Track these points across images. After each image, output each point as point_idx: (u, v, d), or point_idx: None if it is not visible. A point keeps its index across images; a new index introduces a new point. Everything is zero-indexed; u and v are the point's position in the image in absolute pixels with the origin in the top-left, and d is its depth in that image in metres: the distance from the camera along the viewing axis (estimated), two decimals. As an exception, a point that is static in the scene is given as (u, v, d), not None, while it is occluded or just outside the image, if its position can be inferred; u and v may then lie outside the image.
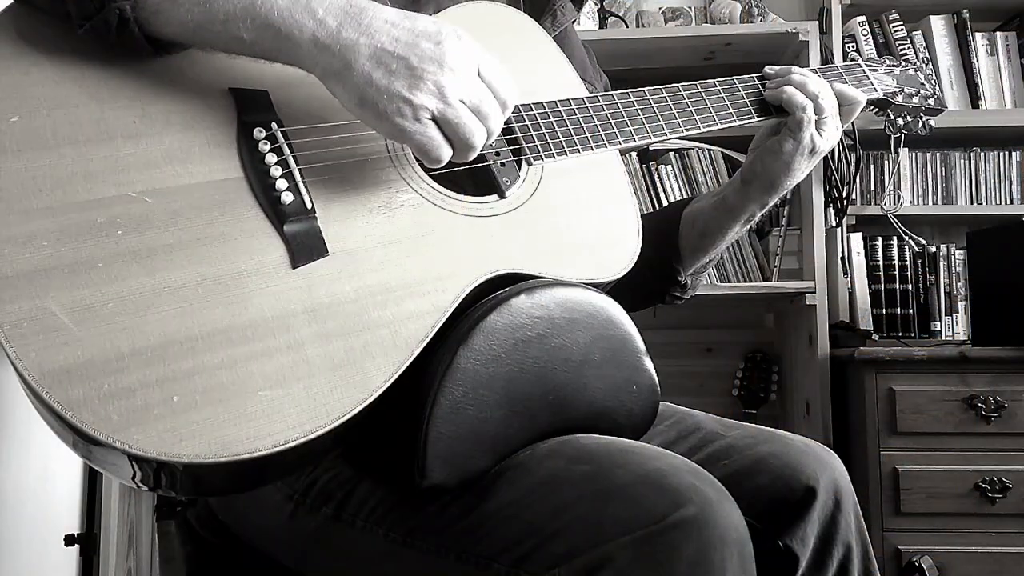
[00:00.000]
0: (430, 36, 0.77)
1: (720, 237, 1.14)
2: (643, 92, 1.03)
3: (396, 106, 0.75)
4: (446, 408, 0.76)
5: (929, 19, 2.56)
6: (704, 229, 1.14)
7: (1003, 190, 2.53)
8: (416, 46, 0.76)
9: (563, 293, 0.83)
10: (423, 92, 0.75)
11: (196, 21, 0.75)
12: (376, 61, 0.75)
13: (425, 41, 0.76)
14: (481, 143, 0.79)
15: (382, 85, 0.75)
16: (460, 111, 0.77)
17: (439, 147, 0.77)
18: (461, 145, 0.78)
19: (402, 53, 0.75)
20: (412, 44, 0.76)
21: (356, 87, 0.75)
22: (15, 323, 0.65)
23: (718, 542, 0.70)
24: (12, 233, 0.68)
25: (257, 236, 0.75)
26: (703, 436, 1.01)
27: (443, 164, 0.79)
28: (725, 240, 1.15)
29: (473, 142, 0.78)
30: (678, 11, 2.65)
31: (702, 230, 1.14)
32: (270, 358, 0.71)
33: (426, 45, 0.76)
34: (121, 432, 0.65)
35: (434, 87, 0.76)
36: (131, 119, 0.76)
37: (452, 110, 0.76)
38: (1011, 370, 2.05)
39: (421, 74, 0.75)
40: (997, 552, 2.02)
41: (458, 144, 0.78)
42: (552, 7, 1.15)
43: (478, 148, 0.79)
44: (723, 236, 1.14)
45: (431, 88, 0.75)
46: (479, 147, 0.79)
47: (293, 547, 0.92)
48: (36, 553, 1.72)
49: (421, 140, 0.77)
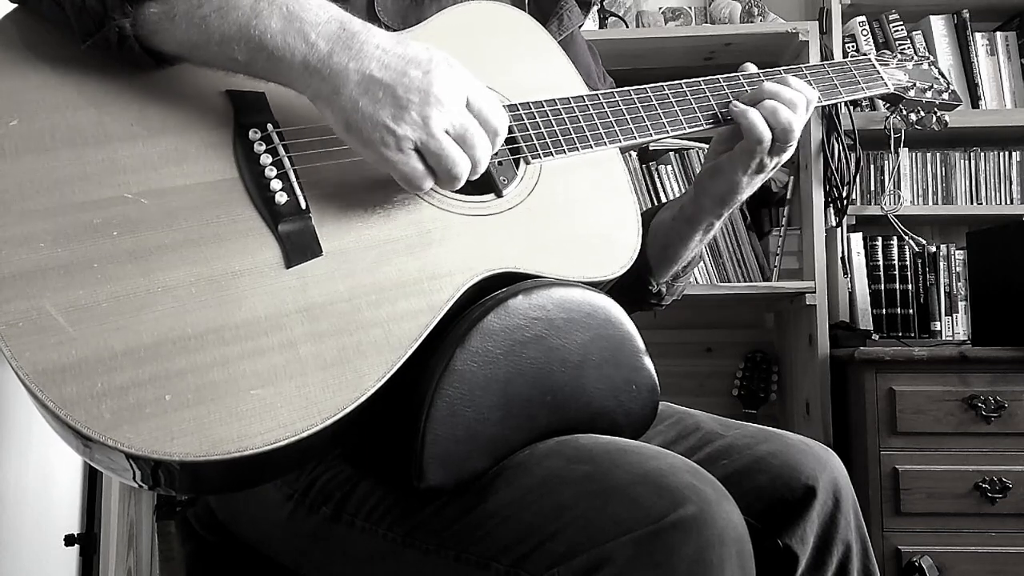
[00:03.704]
0: (419, 64, 0.77)
1: (682, 246, 1.12)
2: (644, 89, 1.02)
3: (380, 135, 0.76)
4: (443, 410, 0.76)
5: (929, 19, 2.56)
6: (665, 240, 1.13)
7: (1003, 190, 2.53)
8: (404, 74, 0.76)
9: (561, 293, 0.83)
10: (406, 123, 0.76)
11: (192, 41, 0.76)
12: (363, 88, 0.75)
13: (414, 69, 0.77)
14: (465, 173, 0.79)
15: (367, 113, 0.75)
16: (444, 142, 0.77)
17: (421, 178, 0.78)
18: (444, 175, 0.79)
19: (389, 81, 0.76)
20: (401, 72, 0.76)
21: (343, 112, 0.76)
22: (11, 322, 0.66)
23: (717, 542, 0.70)
24: (9, 234, 0.69)
25: (251, 236, 0.76)
26: (702, 436, 1.01)
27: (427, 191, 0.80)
28: (688, 249, 1.13)
29: (456, 172, 0.78)
30: (678, 11, 2.65)
31: (664, 241, 1.13)
32: (262, 357, 0.71)
33: (414, 73, 0.77)
34: (113, 431, 0.65)
35: (418, 117, 0.76)
36: (128, 122, 0.77)
37: (435, 141, 0.77)
38: (1011, 370, 2.05)
39: (406, 104, 0.76)
40: (997, 552, 2.02)
41: (441, 174, 0.78)
42: (559, 11, 1.15)
43: (462, 178, 0.79)
44: (685, 245, 1.12)
45: (414, 119, 0.76)
46: (463, 177, 0.79)
47: (292, 546, 0.92)
48: (36, 553, 1.72)
49: (403, 170, 0.77)
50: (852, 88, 1.16)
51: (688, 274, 1.20)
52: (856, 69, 1.18)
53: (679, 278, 1.19)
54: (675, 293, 1.20)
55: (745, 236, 2.43)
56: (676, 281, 1.18)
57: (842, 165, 2.40)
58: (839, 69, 1.15)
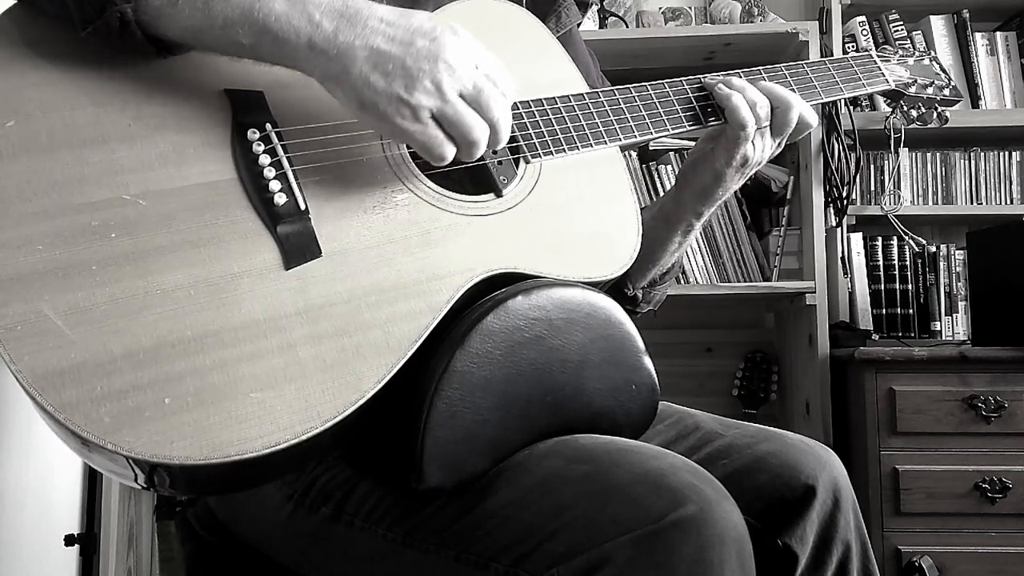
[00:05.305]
0: (425, 33, 0.77)
1: (660, 249, 1.10)
2: (644, 87, 1.02)
3: (395, 108, 0.75)
4: (442, 411, 0.76)
5: (929, 19, 2.56)
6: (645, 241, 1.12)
7: (1003, 190, 2.53)
8: (412, 44, 0.76)
9: (560, 293, 0.83)
10: (420, 91, 0.75)
11: (196, 26, 0.76)
12: (372, 63, 0.75)
13: (420, 38, 0.76)
14: (483, 137, 0.78)
15: (380, 87, 0.75)
16: (459, 106, 0.77)
17: (441, 144, 0.77)
18: (463, 141, 0.78)
19: (398, 53, 0.75)
20: (408, 43, 0.76)
21: (355, 90, 0.75)
22: (9, 326, 0.66)
23: (717, 541, 0.70)
24: (7, 237, 0.69)
25: (250, 237, 0.75)
26: (702, 435, 1.01)
27: (448, 162, 0.79)
28: (667, 252, 1.11)
29: (475, 136, 0.78)
30: (678, 11, 2.65)
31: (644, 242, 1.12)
32: (262, 360, 0.71)
33: (421, 43, 0.76)
34: (113, 434, 0.65)
35: (431, 85, 0.76)
36: (126, 122, 0.76)
37: (451, 106, 0.76)
38: (1011, 370, 2.05)
39: (417, 73, 0.75)
40: (997, 552, 2.02)
41: (460, 140, 0.78)
42: (556, 9, 1.15)
43: (481, 143, 0.79)
44: (663, 248, 1.10)
45: (428, 87, 0.76)
46: (482, 142, 0.79)
47: (292, 547, 0.92)
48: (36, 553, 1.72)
49: (423, 139, 0.77)
50: (854, 84, 1.16)
51: (666, 283, 1.18)
52: (858, 65, 1.17)
53: (656, 285, 1.16)
54: (651, 302, 1.17)
55: (745, 236, 2.43)
56: (653, 288, 1.16)
57: (842, 165, 2.40)
58: (840, 65, 1.15)
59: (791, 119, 1.02)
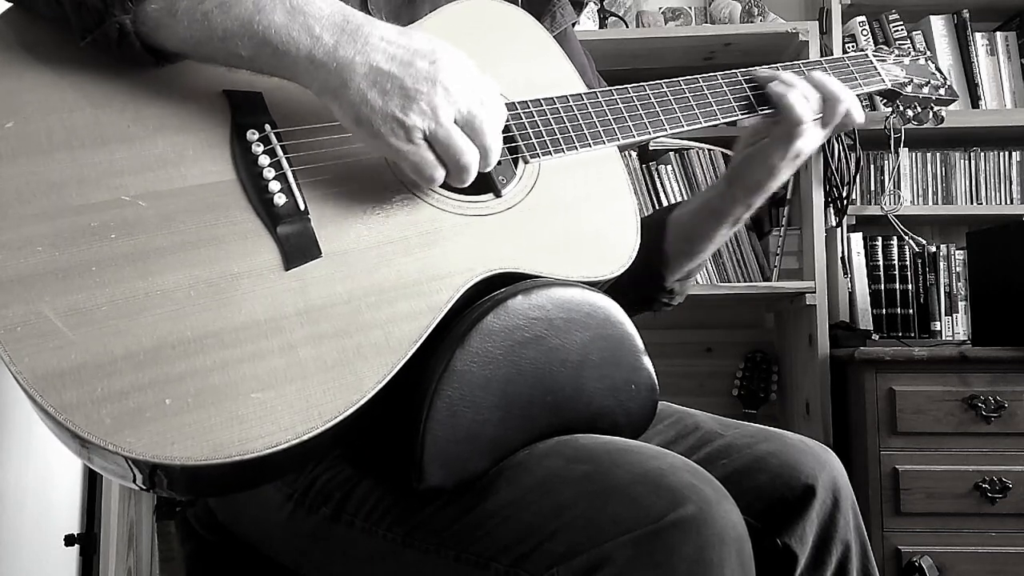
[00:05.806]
0: (425, 55, 0.77)
1: (708, 241, 1.13)
2: (643, 87, 1.02)
3: (390, 127, 0.76)
4: (442, 411, 0.76)
5: (929, 19, 2.56)
6: (690, 234, 1.13)
7: (1003, 190, 2.53)
8: (411, 65, 0.76)
9: (560, 293, 0.83)
10: (416, 113, 0.76)
11: (195, 38, 0.76)
12: (371, 81, 0.75)
13: (420, 60, 0.77)
14: (474, 162, 0.79)
15: (377, 105, 0.75)
16: (452, 130, 0.77)
17: (432, 166, 0.78)
18: (454, 165, 0.78)
19: (397, 73, 0.76)
20: (407, 63, 0.76)
21: (352, 106, 0.76)
22: (10, 327, 0.66)
23: (717, 541, 0.70)
24: (6, 238, 0.69)
25: (250, 238, 0.75)
26: (702, 435, 1.01)
27: (438, 185, 0.80)
28: (713, 243, 1.14)
29: (466, 161, 0.78)
30: (678, 11, 2.65)
31: (688, 235, 1.13)
32: (262, 360, 0.71)
33: (421, 64, 0.77)
34: (114, 435, 0.65)
35: (427, 107, 0.76)
36: (125, 123, 0.76)
37: (444, 129, 0.77)
38: (1011, 370, 2.05)
39: (415, 95, 0.76)
40: (997, 552, 2.02)
41: (451, 164, 0.78)
42: (551, 8, 1.15)
43: (471, 168, 0.79)
44: (710, 240, 1.13)
45: (424, 108, 0.76)
46: (472, 167, 0.79)
47: (292, 547, 0.92)
48: (36, 553, 1.72)
49: (414, 160, 0.77)
50: (850, 84, 1.15)
51: (693, 276, 1.20)
52: (854, 65, 1.17)
53: (686, 279, 1.19)
54: (682, 294, 1.20)
55: (745, 236, 2.44)
56: (684, 281, 1.19)
57: (842, 165, 2.40)
58: (836, 66, 1.15)
59: (839, 112, 1.05)
